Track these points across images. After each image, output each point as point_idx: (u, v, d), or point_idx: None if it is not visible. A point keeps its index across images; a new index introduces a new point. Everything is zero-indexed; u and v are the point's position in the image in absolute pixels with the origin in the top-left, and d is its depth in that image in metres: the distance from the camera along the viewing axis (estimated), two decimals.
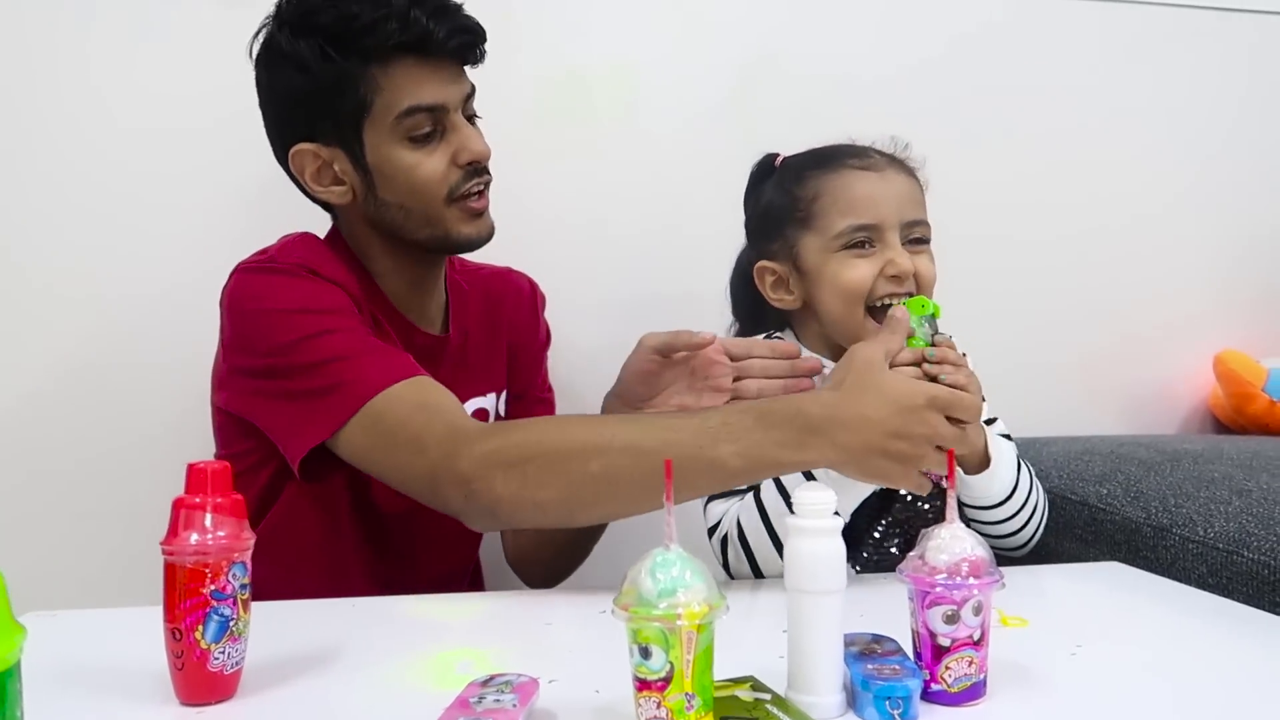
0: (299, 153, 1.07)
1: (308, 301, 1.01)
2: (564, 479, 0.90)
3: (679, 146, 1.56)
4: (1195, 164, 1.78)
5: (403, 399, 0.95)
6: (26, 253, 1.36)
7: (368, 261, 1.12)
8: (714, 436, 0.88)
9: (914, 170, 1.11)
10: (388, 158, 1.04)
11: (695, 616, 0.58)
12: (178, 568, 0.66)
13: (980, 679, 0.66)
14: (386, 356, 0.99)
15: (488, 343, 1.24)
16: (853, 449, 0.86)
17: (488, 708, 0.58)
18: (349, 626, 0.86)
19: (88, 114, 1.38)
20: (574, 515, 0.95)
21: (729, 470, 0.89)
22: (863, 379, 0.88)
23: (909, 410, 0.85)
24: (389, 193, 1.06)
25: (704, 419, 0.91)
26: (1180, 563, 1.10)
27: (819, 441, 0.87)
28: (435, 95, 1.04)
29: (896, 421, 0.85)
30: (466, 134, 1.07)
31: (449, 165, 1.06)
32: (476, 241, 1.11)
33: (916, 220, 1.07)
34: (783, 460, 0.89)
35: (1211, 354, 1.77)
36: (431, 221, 1.07)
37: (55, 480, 1.37)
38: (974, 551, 0.66)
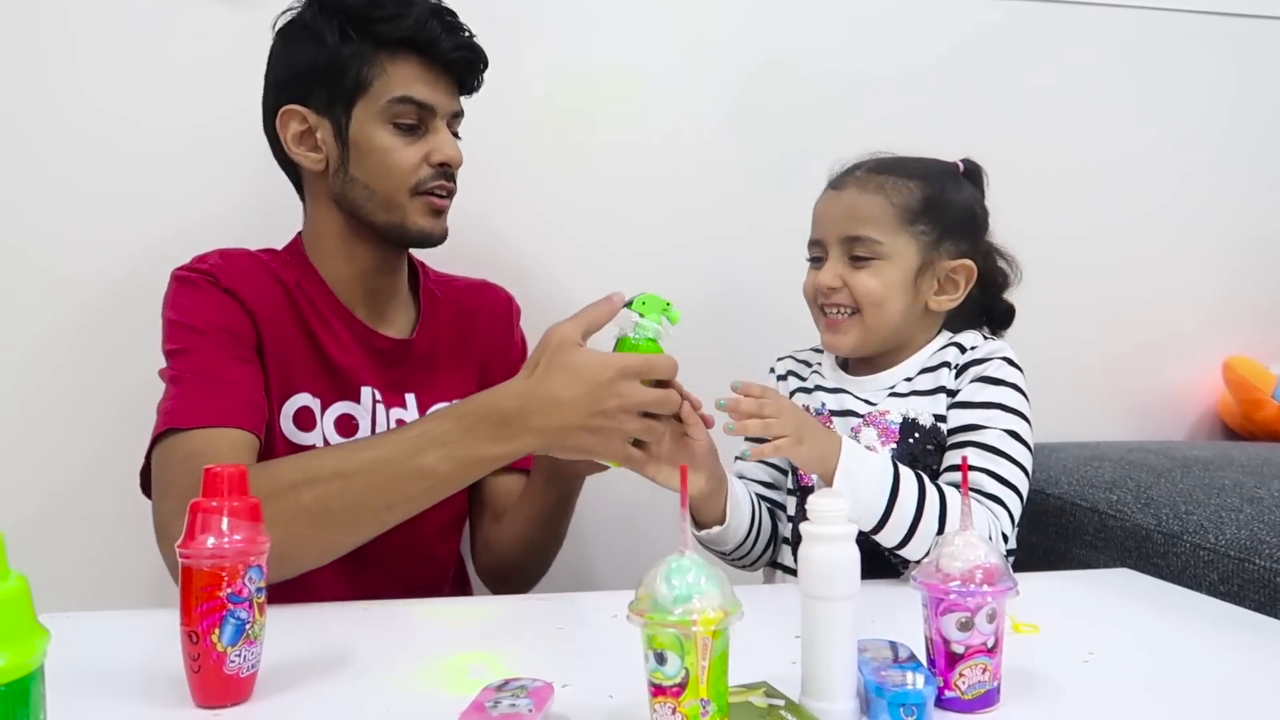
0: (288, 112, 1.12)
1: (185, 315, 1.07)
2: (278, 518, 0.85)
3: (683, 150, 1.57)
4: (1204, 168, 1.78)
5: (184, 444, 0.97)
6: (32, 251, 1.37)
7: (327, 262, 1.17)
8: (417, 446, 0.93)
9: (898, 184, 1.09)
10: (369, 135, 1.11)
11: (711, 623, 0.58)
12: (194, 571, 0.67)
13: (994, 686, 0.66)
14: (210, 395, 1.02)
15: (457, 351, 1.26)
16: (550, 431, 0.92)
17: (504, 712, 0.58)
18: (360, 630, 0.86)
19: (83, 112, 1.38)
20: (294, 557, 0.91)
21: (440, 476, 0.93)
22: (553, 360, 0.92)
23: (599, 385, 0.90)
24: (359, 170, 1.12)
25: (407, 430, 0.96)
26: (1191, 569, 1.10)
27: (517, 430, 0.92)
28: (428, 95, 1.12)
29: (588, 398, 0.90)
30: (445, 139, 1.14)
31: (421, 161, 1.12)
32: (430, 238, 1.16)
33: (854, 236, 1.08)
34: (487, 455, 0.93)
35: (1220, 360, 1.77)
36: (391, 207, 1.12)
37: (67, 482, 1.38)
38: (988, 559, 0.66)
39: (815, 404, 1.14)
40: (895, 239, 1.07)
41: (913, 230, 1.08)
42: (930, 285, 1.09)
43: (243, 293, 1.09)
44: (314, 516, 0.91)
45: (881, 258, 1.07)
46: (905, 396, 1.08)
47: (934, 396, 1.07)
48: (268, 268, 1.14)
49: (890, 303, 1.07)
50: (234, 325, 1.08)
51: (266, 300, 1.11)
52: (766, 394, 0.95)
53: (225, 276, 1.09)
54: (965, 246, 1.10)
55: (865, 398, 1.11)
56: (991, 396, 1.03)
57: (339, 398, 1.15)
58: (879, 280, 1.07)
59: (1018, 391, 1.04)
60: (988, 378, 1.04)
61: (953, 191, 1.12)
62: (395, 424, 1.18)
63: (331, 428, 1.14)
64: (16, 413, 1.37)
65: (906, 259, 1.08)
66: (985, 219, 1.15)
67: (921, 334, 1.12)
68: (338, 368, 1.15)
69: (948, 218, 1.09)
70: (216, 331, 1.06)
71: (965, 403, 1.04)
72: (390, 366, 1.19)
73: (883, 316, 1.08)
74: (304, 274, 1.16)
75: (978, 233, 1.13)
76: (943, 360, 1.08)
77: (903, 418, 1.06)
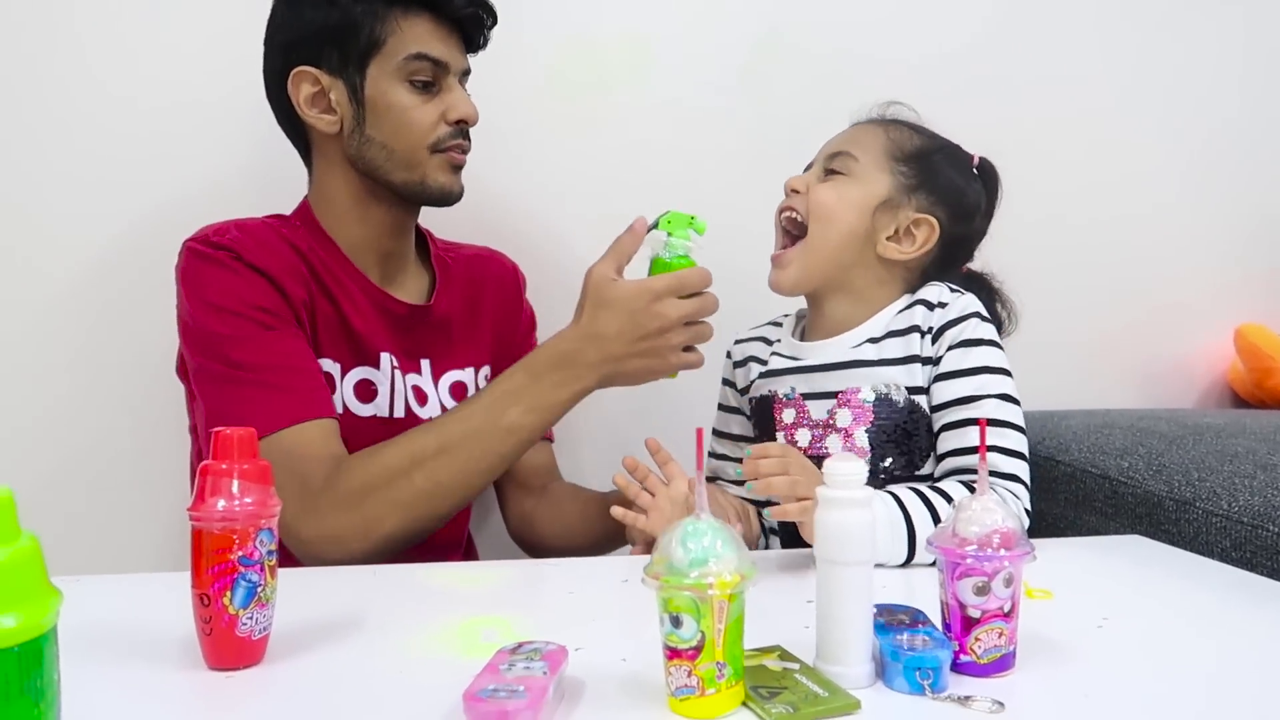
0: (300, 74, 1.11)
1: (220, 297, 1.05)
2: (396, 504, 0.97)
3: (692, 119, 1.54)
4: (1217, 136, 1.76)
5: (276, 447, 0.98)
6: (40, 217, 1.36)
7: (339, 226, 1.16)
8: (501, 406, 1.01)
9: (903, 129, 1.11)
10: (385, 93, 1.10)
11: (727, 586, 0.57)
12: (205, 534, 0.66)
13: (1010, 650, 0.66)
14: (283, 391, 1.02)
15: (471, 318, 1.26)
16: (607, 364, 1.01)
17: (518, 675, 0.58)
18: (371, 593, 0.86)
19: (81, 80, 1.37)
20: (425, 526, 1.01)
21: (525, 427, 1.02)
22: (595, 299, 1.01)
23: (638, 312, 0.99)
24: (376, 129, 1.11)
25: (488, 395, 1.03)
26: (1203, 536, 1.09)
27: (580, 371, 1.01)
28: (442, 52, 1.12)
29: (632, 327, 0.99)
30: (460, 96, 1.14)
31: (439, 119, 1.12)
32: (449, 194, 1.15)
33: (836, 152, 1.09)
34: (561, 399, 1.02)
35: (1231, 328, 1.76)
36: (411, 165, 1.12)
37: (77, 446, 1.38)
38: (1005, 524, 0.66)
39: (784, 389, 1.10)
40: (874, 166, 1.07)
41: (894, 167, 1.07)
42: (887, 225, 1.07)
43: (268, 266, 1.07)
44: (430, 495, 0.98)
45: (852, 175, 1.07)
46: (874, 365, 1.04)
47: (907, 366, 1.03)
48: (283, 236, 1.12)
49: (839, 220, 1.05)
50: (270, 303, 1.06)
51: (289, 270, 1.09)
52: (787, 454, 0.90)
53: (248, 251, 1.07)
54: (939, 213, 1.08)
55: (829, 363, 1.07)
56: (976, 360, 1.01)
57: (358, 363, 1.14)
58: (837, 194, 1.06)
59: (996, 347, 1.03)
60: (967, 340, 1.02)
61: (953, 162, 1.11)
62: (412, 390, 1.18)
63: (351, 393, 1.13)
64: (27, 376, 1.36)
65: (875, 187, 1.07)
66: (975, 211, 1.11)
67: (877, 288, 1.08)
68: (357, 333, 1.14)
69: (936, 175, 1.08)
70: (256, 313, 1.05)
71: (951, 372, 1.01)
72: (407, 332, 1.18)
73: (827, 235, 1.05)
74: (316, 239, 1.15)
75: (959, 213, 1.10)
76: (911, 323, 1.04)
77: (875, 395, 1.03)
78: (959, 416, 1.00)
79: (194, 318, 1.06)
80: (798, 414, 1.08)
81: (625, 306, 0.99)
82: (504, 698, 0.54)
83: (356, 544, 0.97)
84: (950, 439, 1.01)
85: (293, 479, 0.96)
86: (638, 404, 1.31)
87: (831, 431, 1.05)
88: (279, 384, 1.02)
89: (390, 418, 1.15)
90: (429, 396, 1.19)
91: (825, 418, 1.06)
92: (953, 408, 1.01)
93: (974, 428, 0.98)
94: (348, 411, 1.12)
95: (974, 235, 1.13)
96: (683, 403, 1.23)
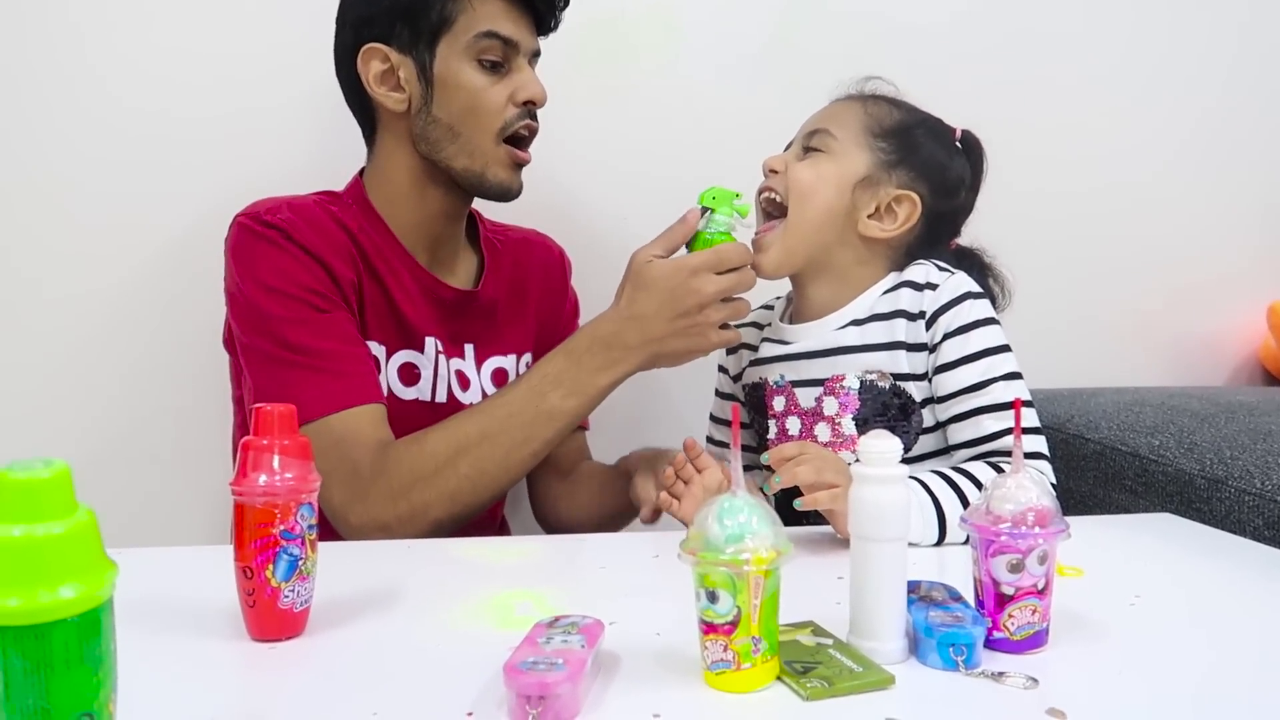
0: (370, 50, 1.10)
1: (272, 277, 1.05)
2: (443, 492, 0.98)
3: (720, 89, 1.54)
4: (1249, 109, 1.74)
5: (326, 432, 0.99)
6: (97, 201, 1.37)
7: (393, 207, 1.15)
8: (540, 391, 1.02)
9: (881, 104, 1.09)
10: (456, 72, 1.09)
11: (763, 562, 0.58)
12: (247, 508, 0.68)
13: (1043, 627, 0.66)
14: (334, 376, 1.02)
15: (516, 304, 1.26)
16: (647, 345, 1.00)
17: (556, 648, 0.59)
18: (407, 567, 0.88)
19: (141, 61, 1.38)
20: (470, 512, 1.02)
21: (567, 412, 1.02)
22: (635, 281, 1.01)
23: (675, 289, 0.98)
24: (443, 110, 1.09)
25: (528, 380, 1.04)
26: (1235, 515, 1.09)
27: (620, 354, 1.01)
28: (512, 31, 1.10)
29: (669, 305, 0.99)
30: (529, 77, 1.12)
31: (507, 101, 1.10)
32: (508, 193, 1.14)
33: (814, 130, 1.08)
34: (602, 383, 1.02)
35: (1263, 305, 1.74)
36: (474, 153, 1.10)
37: (127, 422, 1.40)
38: (1040, 501, 0.66)
39: (774, 377, 1.09)
40: (852, 143, 1.06)
41: (873, 143, 1.06)
42: (867, 203, 1.04)
43: (318, 248, 1.07)
44: (474, 481, 1.00)
45: (829, 152, 1.05)
46: (859, 352, 1.03)
47: (892, 353, 1.02)
48: (334, 215, 1.11)
49: (817, 198, 1.04)
50: (322, 286, 1.06)
51: (339, 251, 1.09)
52: (805, 448, 0.89)
53: (299, 232, 1.07)
54: (921, 188, 1.05)
55: (815, 350, 1.06)
56: (977, 345, 0.99)
57: (403, 346, 1.14)
58: (815, 172, 1.05)
59: (993, 324, 1.01)
60: (963, 326, 0.99)
61: (933, 136, 1.08)
62: (455, 375, 1.18)
63: (395, 376, 1.13)
64: (81, 354, 1.38)
65: (853, 164, 1.05)
66: (959, 186, 1.09)
67: (859, 267, 1.06)
68: (404, 317, 1.13)
69: (915, 151, 1.06)
70: (309, 295, 1.05)
71: (954, 362, 0.99)
72: (453, 318, 1.18)
73: (805, 214, 1.04)
74: (367, 219, 1.14)
75: (942, 188, 1.07)
76: (896, 307, 1.03)
77: (860, 382, 1.02)
78: (970, 406, 0.98)
79: (246, 295, 1.06)
80: (787, 401, 1.08)
81: (663, 285, 0.99)
82: (544, 670, 0.55)
83: (402, 530, 0.98)
84: (964, 429, 0.99)
85: (343, 465, 0.98)
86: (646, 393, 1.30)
87: (820, 419, 1.05)
88: (330, 368, 1.02)
89: (432, 402, 1.15)
90: (471, 382, 1.19)
91: (814, 405, 1.05)
92: (961, 397, 0.99)
93: (986, 417, 0.98)
94: (391, 394, 1.12)
95: (959, 210, 1.11)
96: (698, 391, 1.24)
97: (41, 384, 1.38)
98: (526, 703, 0.55)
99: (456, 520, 1.00)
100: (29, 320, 1.37)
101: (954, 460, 1.01)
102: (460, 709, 0.57)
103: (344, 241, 1.10)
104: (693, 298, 0.98)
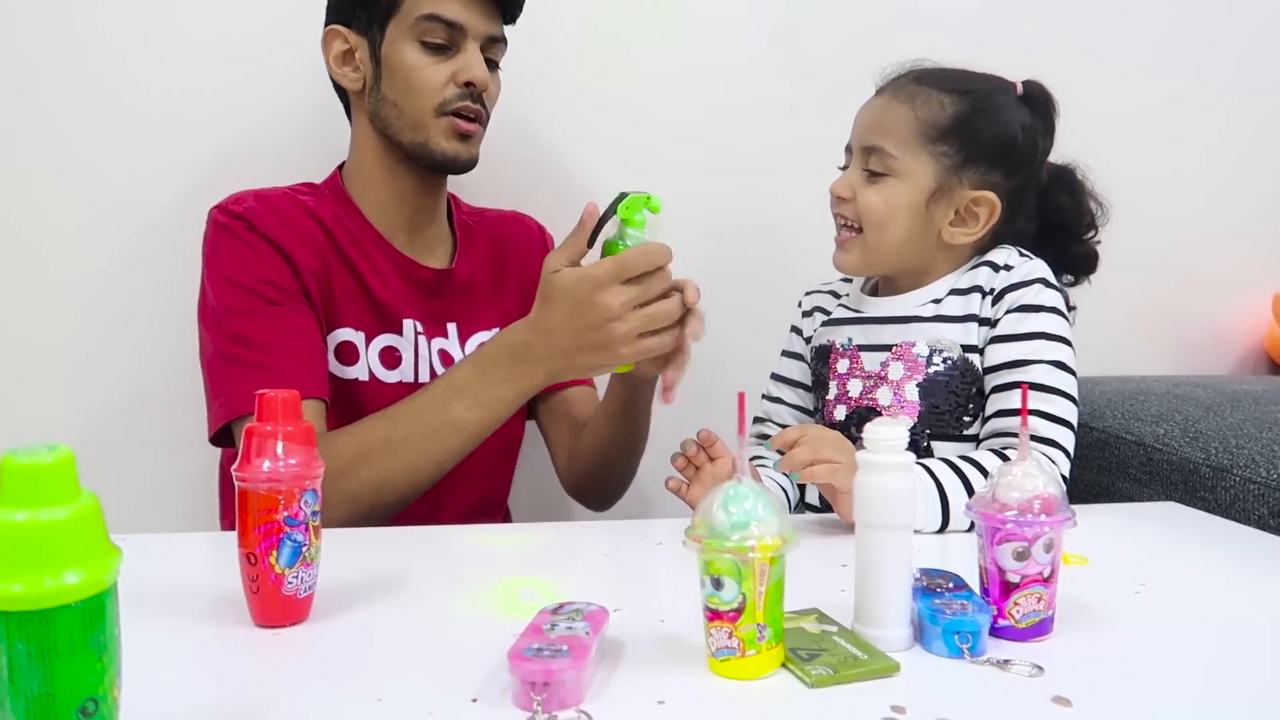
0: (332, 32, 1.15)
1: (229, 267, 1.07)
2: (346, 494, 0.96)
3: (725, 76, 1.53)
4: (1252, 100, 1.73)
5: None
6: (78, 181, 1.37)
7: (365, 188, 1.18)
8: (445, 400, 0.98)
9: (932, 96, 1.04)
10: (398, 53, 1.12)
11: (768, 549, 0.58)
12: (251, 494, 0.68)
13: (1049, 615, 0.66)
14: (271, 374, 1.02)
15: (495, 280, 1.26)
16: (555, 359, 0.94)
17: (561, 634, 0.58)
18: (410, 554, 0.87)
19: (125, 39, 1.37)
20: (376, 514, 0.99)
21: (470, 423, 0.98)
22: (544, 292, 0.94)
23: (579, 303, 0.91)
24: (390, 88, 1.13)
25: (436, 387, 1.00)
26: (1240, 504, 1.09)
27: (528, 366, 0.96)
28: (457, 14, 1.11)
29: (575, 319, 0.91)
30: (474, 60, 1.13)
31: (448, 80, 1.12)
32: (454, 161, 1.15)
33: (871, 147, 1.04)
34: (508, 396, 0.97)
35: (1268, 294, 1.74)
36: (417, 126, 1.13)
37: (113, 408, 1.40)
38: (1046, 489, 0.65)
39: (842, 339, 1.11)
40: (911, 157, 1.02)
41: (933, 150, 1.03)
42: (946, 213, 1.04)
43: (280, 238, 1.09)
44: (377, 486, 0.98)
45: (894, 174, 1.03)
46: (931, 322, 1.04)
47: (965, 325, 1.03)
48: (304, 206, 1.14)
49: (893, 225, 1.03)
50: (278, 277, 1.07)
51: (305, 241, 1.11)
52: (805, 432, 0.90)
53: (261, 221, 1.09)
54: (995, 177, 1.04)
55: (887, 316, 1.07)
56: (1034, 326, 1.00)
57: (382, 330, 1.15)
58: (884, 199, 1.03)
59: (1059, 315, 1.01)
60: (1027, 305, 1.00)
61: (992, 113, 1.04)
62: (438, 354, 1.19)
63: (376, 360, 1.14)
64: (68, 339, 1.38)
65: (920, 180, 1.03)
66: (1033, 149, 1.07)
67: (943, 263, 1.07)
68: (380, 301, 1.15)
69: (978, 141, 1.03)
70: (260, 285, 1.06)
71: (1007, 336, 1.00)
72: (431, 297, 1.20)
73: (884, 238, 1.04)
74: (342, 208, 1.17)
75: (1016, 163, 1.05)
76: (974, 283, 1.03)
77: (930, 349, 1.03)
78: (1008, 379, 1.00)
79: (205, 287, 1.10)
80: (851, 364, 1.09)
81: (568, 298, 0.91)
82: (548, 656, 0.55)
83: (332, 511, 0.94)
84: (997, 400, 1.00)
85: None
86: None
87: (883, 383, 1.05)
88: (268, 364, 1.03)
89: (416, 383, 1.16)
90: (456, 360, 1.20)
91: (878, 369, 1.06)
92: (1003, 370, 1.00)
93: (1019, 391, 0.96)
94: (374, 379, 1.13)
95: (1037, 170, 1.09)
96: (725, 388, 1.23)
97: (45, 370, 1.37)
98: (531, 689, 0.55)
99: (363, 523, 0.97)
100: (33, 305, 1.37)
101: (983, 432, 1.02)
102: (465, 695, 0.57)
103: (311, 230, 1.12)
104: (598, 312, 0.90)
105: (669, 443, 1.03)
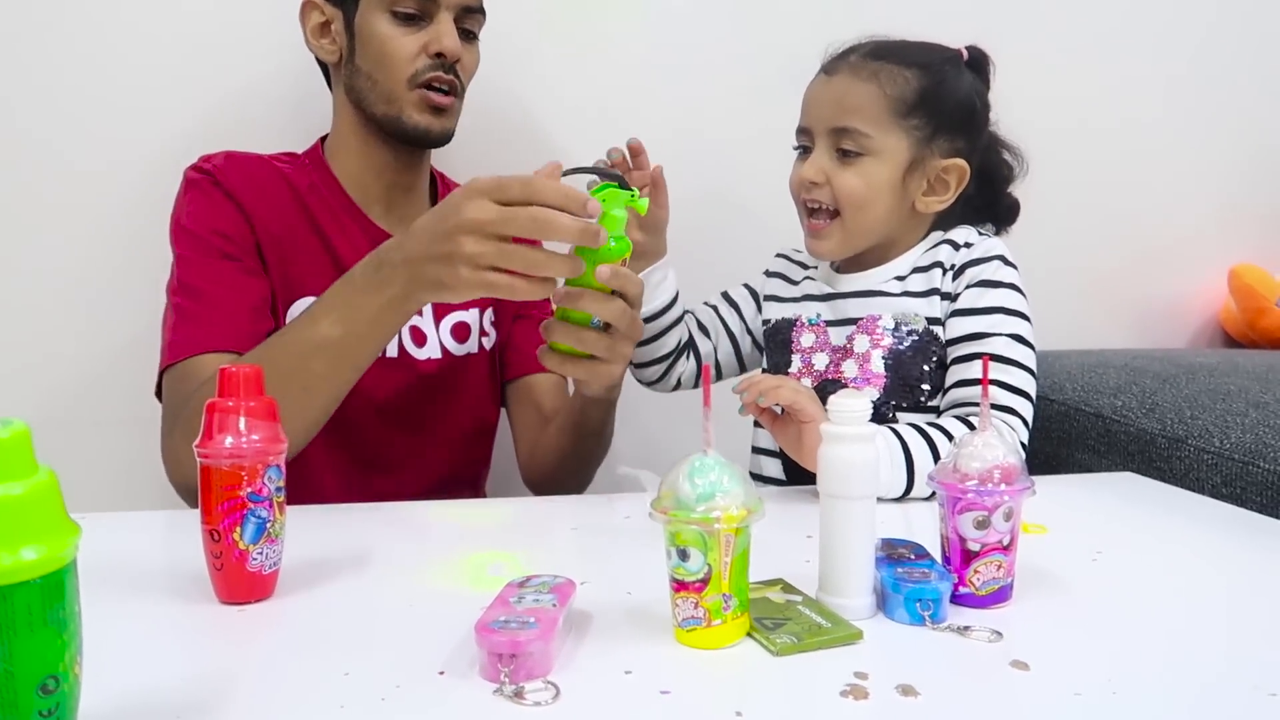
0: (309, 4, 1.15)
1: (186, 217, 1.09)
2: None
3: (695, 46, 1.53)
4: (1213, 70, 1.75)
5: (180, 375, 1.01)
6: (50, 153, 1.34)
7: (343, 160, 1.17)
8: (314, 317, 0.91)
9: (895, 72, 1.03)
10: (370, 24, 1.11)
11: (733, 520, 0.58)
12: (213, 470, 0.67)
13: (1008, 583, 0.67)
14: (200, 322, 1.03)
15: None
16: (408, 265, 0.85)
17: (528, 607, 0.59)
18: (375, 530, 0.87)
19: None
20: None
21: (333, 340, 0.89)
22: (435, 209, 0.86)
23: (445, 206, 0.83)
24: (363, 60, 1.12)
25: (310, 309, 0.93)
26: (1195, 473, 1.11)
27: (388, 272, 0.87)
28: None
29: (434, 222, 0.83)
30: (446, 30, 1.12)
31: (419, 51, 1.11)
32: (427, 135, 1.14)
33: (842, 128, 1.03)
34: (369, 306, 0.89)
35: (1224, 269, 1.77)
36: (389, 99, 1.12)
37: (81, 385, 1.38)
38: (1006, 459, 0.66)
39: (809, 314, 1.11)
40: (886, 134, 1.02)
41: (905, 124, 1.03)
42: (919, 185, 1.05)
43: (242, 194, 1.09)
44: None
45: (870, 153, 1.03)
46: (897, 297, 1.05)
47: (928, 299, 1.04)
48: (278, 171, 1.13)
49: (875, 205, 1.03)
50: (230, 229, 1.07)
51: (269, 202, 1.10)
52: (783, 381, 0.91)
53: (225, 177, 1.09)
54: (961, 144, 1.05)
55: (853, 290, 1.08)
56: (993, 300, 1.01)
57: None
58: (864, 179, 1.03)
59: (1017, 291, 1.02)
60: (986, 280, 1.02)
61: (953, 82, 1.05)
62: (409, 330, 1.18)
63: None
64: (34, 314, 1.36)
65: (896, 156, 1.03)
66: (986, 112, 1.10)
67: (909, 234, 1.08)
68: (348, 270, 1.12)
69: (945, 112, 1.04)
70: (211, 236, 1.07)
71: (967, 309, 1.02)
72: None
73: (865, 219, 1.04)
74: (320, 177, 1.16)
75: (976, 128, 1.08)
76: (935, 260, 1.05)
77: (895, 322, 1.04)
78: (967, 351, 1.01)
79: (170, 238, 1.10)
80: (817, 338, 1.09)
81: (444, 204, 0.84)
82: (515, 629, 0.55)
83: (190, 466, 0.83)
84: (957, 371, 1.02)
85: (169, 405, 1.02)
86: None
87: (849, 356, 1.06)
88: (200, 314, 1.03)
89: (383, 357, 1.14)
90: (429, 337, 1.19)
91: (844, 343, 1.07)
92: (963, 343, 1.02)
93: (979, 362, 0.97)
94: None
95: (984, 127, 1.11)
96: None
97: (3, 349, 1.35)
98: (499, 661, 0.55)
99: None
100: None
101: (943, 403, 1.03)
102: (432, 668, 0.57)
103: (279, 193, 1.12)
104: (454, 218, 0.81)
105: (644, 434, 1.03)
